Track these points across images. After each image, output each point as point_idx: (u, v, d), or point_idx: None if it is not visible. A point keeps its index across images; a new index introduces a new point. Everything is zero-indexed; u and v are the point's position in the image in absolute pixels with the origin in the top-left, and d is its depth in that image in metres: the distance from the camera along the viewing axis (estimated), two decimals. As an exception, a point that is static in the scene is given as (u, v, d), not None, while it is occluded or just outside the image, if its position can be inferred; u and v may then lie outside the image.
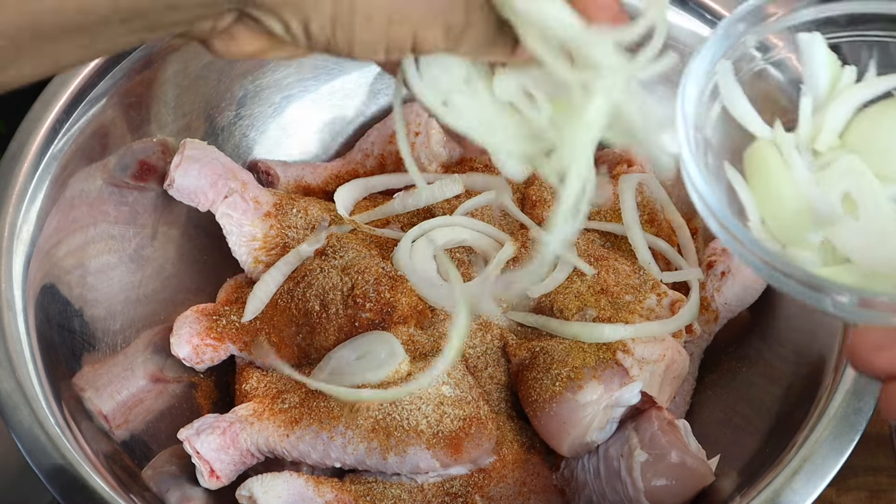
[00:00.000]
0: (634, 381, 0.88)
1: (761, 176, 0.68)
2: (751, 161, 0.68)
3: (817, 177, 0.67)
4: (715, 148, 0.68)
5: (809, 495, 0.80)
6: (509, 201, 1.02)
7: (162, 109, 1.03)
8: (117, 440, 0.92)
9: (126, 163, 1.00)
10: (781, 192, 0.67)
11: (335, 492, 0.90)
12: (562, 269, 0.95)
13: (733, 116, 0.69)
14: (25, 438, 0.82)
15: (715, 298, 0.99)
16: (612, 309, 0.92)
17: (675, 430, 0.89)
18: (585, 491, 0.91)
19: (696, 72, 0.68)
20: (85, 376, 0.93)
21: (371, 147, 1.11)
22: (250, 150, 1.10)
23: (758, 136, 0.69)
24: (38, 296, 0.91)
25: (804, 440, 0.82)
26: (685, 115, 0.66)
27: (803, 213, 0.66)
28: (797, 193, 0.66)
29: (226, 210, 1.02)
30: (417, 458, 0.89)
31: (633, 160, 1.06)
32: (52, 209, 0.93)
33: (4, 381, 0.84)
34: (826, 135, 0.68)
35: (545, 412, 0.90)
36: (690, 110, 0.66)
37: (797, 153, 0.68)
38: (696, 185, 0.64)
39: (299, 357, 0.97)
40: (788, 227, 0.66)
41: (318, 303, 0.95)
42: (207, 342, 0.99)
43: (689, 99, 0.67)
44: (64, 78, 0.96)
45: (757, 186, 0.68)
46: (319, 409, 0.90)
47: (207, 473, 0.92)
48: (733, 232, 0.63)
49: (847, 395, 0.83)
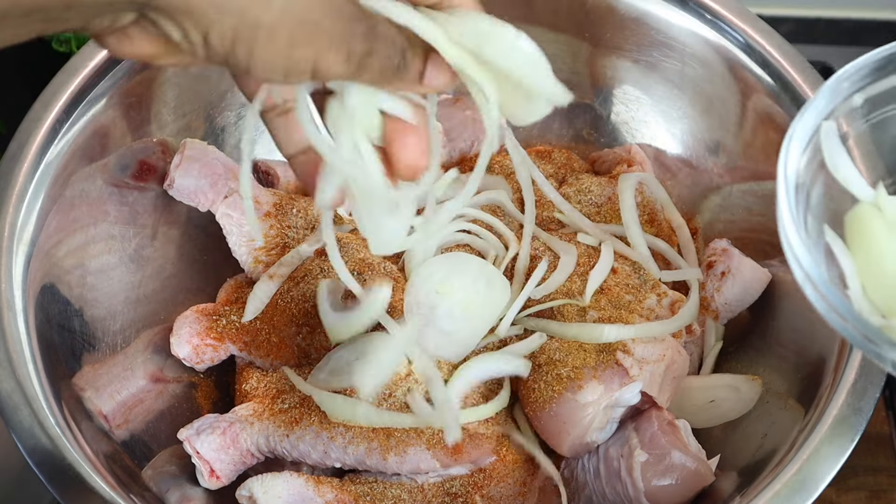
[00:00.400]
0: (634, 381, 0.88)
1: (863, 241, 0.65)
2: (852, 225, 0.66)
3: None
4: (815, 209, 0.66)
5: (809, 495, 0.80)
6: (508, 201, 1.02)
7: (162, 109, 1.03)
8: (117, 440, 0.92)
9: (126, 163, 1.00)
10: (884, 260, 0.64)
11: (335, 492, 0.90)
12: (562, 269, 0.95)
13: (835, 178, 0.66)
14: (25, 438, 0.82)
15: (715, 298, 0.99)
16: (613, 309, 0.92)
17: (675, 430, 0.89)
18: (585, 491, 0.91)
19: (799, 133, 0.65)
20: (85, 376, 0.93)
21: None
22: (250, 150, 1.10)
23: (860, 199, 0.66)
24: (38, 296, 0.91)
25: (804, 440, 0.82)
26: (787, 177, 0.64)
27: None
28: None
29: (226, 210, 1.02)
30: (418, 458, 0.89)
31: (632, 160, 1.07)
32: (52, 209, 0.93)
33: (4, 381, 0.84)
34: None
35: (545, 412, 0.90)
36: (792, 172, 0.64)
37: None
38: (794, 249, 0.61)
39: (299, 357, 0.97)
40: (891, 296, 0.63)
41: (319, 303, 0.95)
42: (207, 342, 0.99)
43: (792, 160, 0.64)
44: (64, 78, 0.97)
45: (858, 252, 0.65)
46: (319, 410, 0.90)
47: (207, 473, 0.92)
48: (832, 302, 0.60)
49: (847, 395, 0.83)
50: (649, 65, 1.07)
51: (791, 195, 0.64)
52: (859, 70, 0.67)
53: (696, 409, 0.95)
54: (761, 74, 1.00)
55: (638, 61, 1.08)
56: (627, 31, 1.06)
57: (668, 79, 1.07)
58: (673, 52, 1.05)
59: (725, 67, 1.02)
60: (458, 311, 0.92)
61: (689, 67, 1.05)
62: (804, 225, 0.64)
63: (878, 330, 0.60)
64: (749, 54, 1.00)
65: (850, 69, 0.66)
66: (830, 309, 0.60)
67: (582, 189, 1.04)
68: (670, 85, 1.07)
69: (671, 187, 1.07)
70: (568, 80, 1.09)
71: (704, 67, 1.04)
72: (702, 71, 1.04)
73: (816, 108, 0.66)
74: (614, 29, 1.06)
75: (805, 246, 0.61)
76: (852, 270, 0.64)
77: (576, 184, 1.05)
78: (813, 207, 0.66)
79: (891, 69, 0.67)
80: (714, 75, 1.04)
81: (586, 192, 1.03)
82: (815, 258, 0.62)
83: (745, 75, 1.01)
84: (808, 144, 0.66)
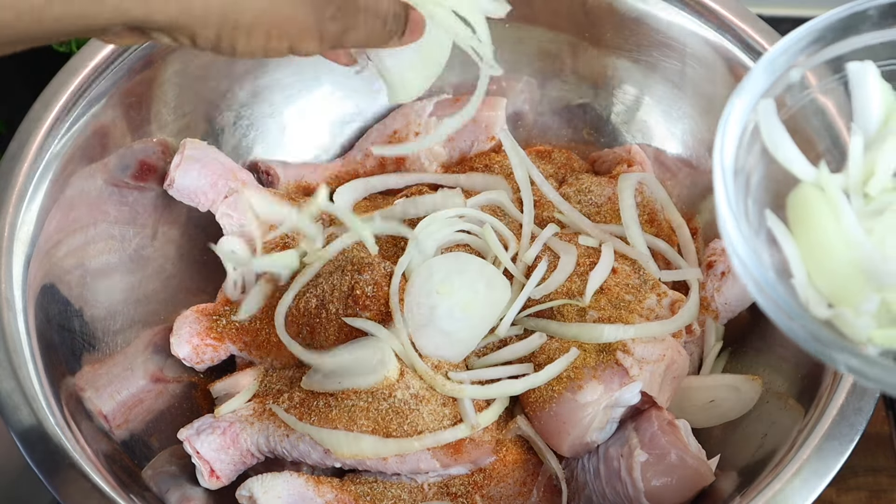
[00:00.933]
0: (634, 381, 0.88)
1: (806, 224, 0.60)
2: (795, 208, 0.61)
3: (869, 225, 0.59)
4: (755, 193, 0.62)
5: (809, 495, 0.80)
6: (508, 201, 1.02)
7: (162, 109, 1.03)
8: (117, 440, 0.92)
9: (126, 163, 1.00)
10: (829, 244, 0.59)
11: (335, 492, 0.90)
12: (562, 269, 0.95)
13: (776, 158, 0.62)
14: (25, 438, 0.82)
15: (715, 298, 0.99)
16: (612, 309, 0.92)
17: (675, 430, 0.89)
18: (585, 491, 0.91)
19: (735, 115, 0.61)
20: (85, 376, 0.93)
21: (371, 147, 1.11)
22: (250, 150, 1.10)
23: (802, 180, 0.62)
24: (38, 296, 0.91)
25: (804, 440, 0.82)
26: (723, 163, 0.60)
27: (855, 268, 0.58)
28: (847, 245, 0.59)
29: (226, 210, 1.02)
30: (418, 458, 0.89)
31: (632, 160, 1.06)
32: (52, 209, 0.93)
33: (4, 381, 0.84)
34: (880, 176, 0.61)
35: (545, 412, 0.90)
36: (729, 157, 0.60)
37: (846, 198, 0.60)
38: (733, 242, 0.58)
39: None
40: (838, 284, 0.59)
41: (318, 303, 0.95)
42: (207, 342, 0.99)
43: (728, 144, 0.61)
44: (64, 78, 0.97)
45: (802, 237, 0.60)
46: (319, 409, 0.90)
47: (207, 473, 0.92)
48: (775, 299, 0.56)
49: (847, 395, 0.83)
50: (649, 65, 1.07)
51: (729, 182, 0.60)
52: (795, 43, 0.63)
53: (696, 409, 0.95)
54: (761, 74, 1.00)
55: (638, 61, 1.08)
56: (627, 31, 1.06)
57: (668, 79, 1.07)
58: (673, 52, 1.05)
59: (725, 67, 1.02)
60: (459, 311, 0.92)
61: (689, 67, 1.05)
62: (744, 212, 0.60)
63: (826, 334, 0.57)
64: (749, 54, 1.00)
65: (785, 43, 0.63)
66: (775, 307, 0.57)
67: (582, 189, 1.04)
68: (670, 85, 1.07)
69: (671, 187, 1.07)
70: (568, 81, 1.11)
71: (704, 67, 1.04)
72: (702, 71, 1.04)
73: (752, 87, 0.62)
74: (614, 29, 1.06)
75: (743, 238, 0.58)
76: (796, 256, 0.60)
77: (576, 184, 1.05)
78: (754, 191, 0.62)
79: (827, 39, 0.63)
80: (714, 75, 1.04)
81: (586, 192, 1.03)
82: (755, 250, 0.58)
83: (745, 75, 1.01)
84: (745, 126, 0.62)
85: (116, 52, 0.98)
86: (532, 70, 1.11)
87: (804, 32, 0.63)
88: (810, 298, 0.59)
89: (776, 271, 0.60)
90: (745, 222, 0.59)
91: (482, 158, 1.07)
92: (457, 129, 0.87)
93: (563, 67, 1.11)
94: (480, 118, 1.08)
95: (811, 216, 0.60)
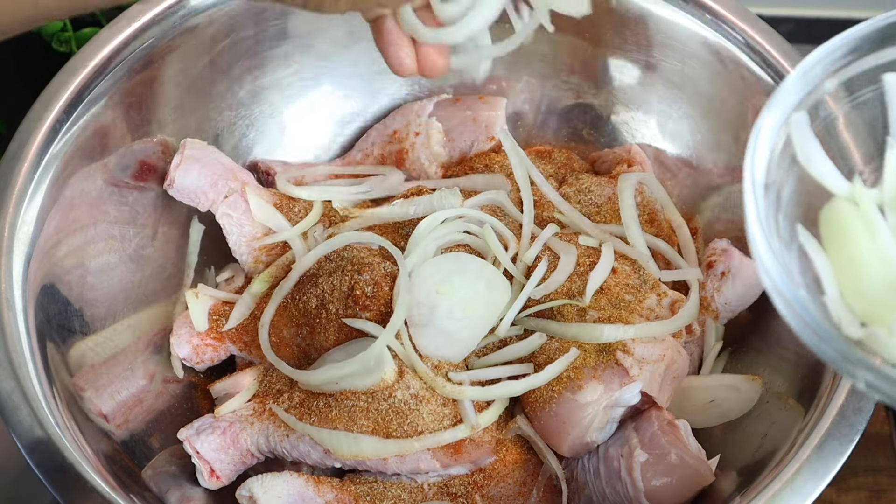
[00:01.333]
0: (634, 381, 0.88)
1: (839, 240, 0.59)
2: (828, 223, 0.59)
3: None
4: (787, 208, 0.60)
5: (809, 495, 0.80)
6: (508, 201, 1.02)
7: (162, 109, 1.03)
8: (117, 440, 0.92)
9: (126, 163, 1.00)
10: (863, 261, 0.57)
11: (335, 492, 0.90)
12: (562, 269, 0.95)
13: (808, 172, 0.60)
14: (25, 438, 0.82)
15: (715, 298, 0.99)
16: (612, 309, 0.92)
17: (675, 430, 0.89)
18: (585, 491, 0.91)
19: (767, 127, 0.59)
20: (85, 376, 0.93)
21: (371, 147, 1.11)
22: (250, 150, 1.10)
23: (835, 194, 0.60)
24: (38, 296, 0.91)
25: (804, 440, 0.82)
26: (754, 177, 0.58)
27: (889, 287, 0.56)
28: (881, 262, 0.57)
29: (226, 210, 1.02)
30: (418, 458, 0.89)
31: (632, 160, 1.07)
32: (52, 209, 0.93)
33: (4, 381, 0.84)
34: None
35: (545, 412, 0.90)
36: (761, 170, 0.58)
37: (880, 213, 0.58)
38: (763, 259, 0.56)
39: (299, 357, 0.97)
40: (872, 302, 0.57)
41: (318, 303, 0.95)
42: (207, 342, 0.99)
43: (760, 159, 0.58)
44: (64, 78, 0.96)
45: (835, 253, 0.59)
46: (319, 409, 0.90)
47: (207, 473, 0.92)
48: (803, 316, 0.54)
49: (847, 395, 0.83)
50: (649, 65, 1.07)
51: (759, 196, 0.58)
52: (830, 54, 0.61)
53: (696, 409, 0.95)
54: (761, 74, 1.00)
55: (638, 61, 1.08)
56: (627, 31, 1.06)
57: (668, 79, 1.07)
58: (673, 52, 1.05)
59: (725, 67, 1.02)
60: (459, 311, 0.92)
61: (689, 67, 1.05)
62: (776, 228, 0.58)
63: (856, 354, 0.55)
64: (749, 54, 1.00)
65: (819, 54, 0.60)
66: (805, 326, 0.55)
67: (582, 189, 1.04)
68: (670, 85, 1.07)
69: (671, 187, 1.07)
70: (568, 81, 1.11)
71: (704, 67, 1.04)
72: (702, 71, 1.04)
73: (784, 98, 0.60)
74: (614, 29, 1.06)
75: (774, 256, 0.56)
76: (829, 273, 0.58)
77: (576, 184, 1.05)
78: (785, 206, 0.60)
79: (863, 50, 0.61)
80: (714, 75, 1.04)
81: (586, 192, 1.03)
82: (786, 267, 0.56)
83: (745, 75, 1.01)
84: (777, 139, 0.60)
85: (116, 52, 0.98)
86: (532, 70, 1.11)
87: (839, 42, 0.61)
88: (843, 317, 0.58)
89: (807, 288, 0.58)
90: (776, 238, 0.58)
91: (482, 158, 1.07)
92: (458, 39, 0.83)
93: (563, 67, 1.11)
94: (480, 118, 1.08)
95: (845, 232, 0.59)
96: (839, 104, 0.62)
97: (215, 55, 1.04)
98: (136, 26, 0.99)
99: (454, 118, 1.09)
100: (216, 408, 0.95)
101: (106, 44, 0.98)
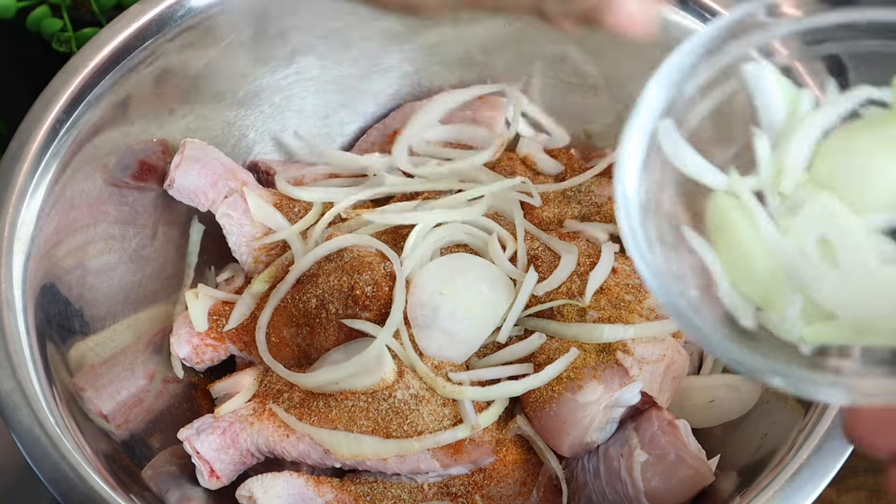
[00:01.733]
0: (634, 381, 0.88)
1: (724, 233, 0.59)
2: (712, 218, 0.60)
3: (786, 225, 0.58)
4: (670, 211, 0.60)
5: (809, 495, 0.80)
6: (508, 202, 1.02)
7: (162, 109, 1.03)
8: (117, 440, 0.92)
9: (126, 163, 1.00)
10: (749, 251, 0.58)
11: (335, 492, 0.90)
12: (563, 267, 0.95)
13: (685, 174, 0.61)
14: (25, 438, 0.82)
15: (715, 298, 0.99)
16: (612, 309, 0.92)
17: (675, 430, 0.89)
18: (585, 491, 0.91)
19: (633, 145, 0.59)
20: (85, 376, 0.93)
21: (371, 147, 1.11)
22: (250, 150, 1.10)
23: (715, 189, 0.60)
24: (38, 296, 0.91)
25: (804, 440, 0.82)
26: (626, 198, 0.58)
27: (776, 272, 0.57)
28: (764, 247, 0.58)
29: (226, 210, 1.02)
30: (418, 458, 0.89)
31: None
32: (52, 209, 0.93)
33: (4, 381, 0.84)
34: (790, 173, 0.59)
35: (545, 412, 0.90)
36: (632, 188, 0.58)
37: (757, 201, 0.59)
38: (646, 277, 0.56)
39: (299, 357, 0.97)
40: (762, 289, 0.58)
41: (318, 303, 0.95)
42: (207, 342, 0.99)
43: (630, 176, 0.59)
44: (64, 78, 0.96)
45: (722, 246, 0.59)
46: (319, 409, 0.90)
47: (207, 473, 0.92)
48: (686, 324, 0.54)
49: (847, 395, 0.83)
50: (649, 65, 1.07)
51: (634, 218, 0.58)
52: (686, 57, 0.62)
53: (696, 409, 0.95)
54: (761, 74, 0.99)
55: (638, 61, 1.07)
56: (628, 32, 1.06)
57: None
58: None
59: (725, 67, 1.02)
60: (461, 312, 0.92)
61: (689, 67, 1.05)
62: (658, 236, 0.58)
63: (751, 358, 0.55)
64: (749, 54, 1.00)
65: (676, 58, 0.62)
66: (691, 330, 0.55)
67: (582, 189, 1.04)
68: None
69: (671, 187, 1.07)
70: (568, 81, 1.11)
71: (704, 67, 1.04)
72: (702, 71, 1.04)
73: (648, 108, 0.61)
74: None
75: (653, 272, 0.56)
76: (719, 269, 0.58)
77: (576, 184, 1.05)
78: (667, 212, 0.60)
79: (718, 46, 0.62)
80: (714, 75, 1.03)
81: (586, 192, 1.03)
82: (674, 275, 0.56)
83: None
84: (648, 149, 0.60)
85: (116, 52, 0.98)
86: (532, 70, 1.11)
87: (694, 44, 0.62)
88: (737, 307, 0.58)
89: (702, 287, 0.58)
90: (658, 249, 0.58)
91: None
92: None
93: (564, 67, 1.10)
94: (480, 118, 1.08)
95: (727, 224, 0.59)
96: (704, 102, 0.63)
97: (215, 55, 1.04)
98: (136, 26, 0.99)
99: (454, 118, 1.09)
100: (216, 408, 0.95)
101: (106, 44, 0.97)
